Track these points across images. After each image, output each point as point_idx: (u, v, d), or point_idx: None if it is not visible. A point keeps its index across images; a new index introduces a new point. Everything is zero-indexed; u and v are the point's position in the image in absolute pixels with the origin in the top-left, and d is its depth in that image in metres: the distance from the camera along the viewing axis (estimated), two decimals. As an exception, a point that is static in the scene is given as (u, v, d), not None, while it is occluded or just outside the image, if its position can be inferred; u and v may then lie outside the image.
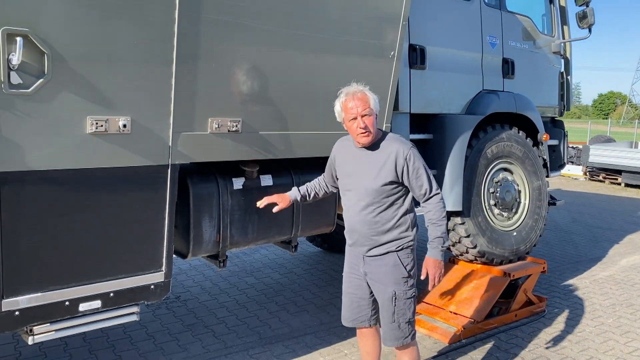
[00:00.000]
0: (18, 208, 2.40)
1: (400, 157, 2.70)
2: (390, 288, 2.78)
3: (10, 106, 2.28)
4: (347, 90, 2.75)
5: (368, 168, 2.75)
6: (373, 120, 2.70)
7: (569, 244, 7.40)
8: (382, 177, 2.71)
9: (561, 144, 5.79)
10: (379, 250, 2.79)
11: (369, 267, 2.84)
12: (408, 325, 2.84)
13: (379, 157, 2.74)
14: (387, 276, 2.79)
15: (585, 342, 4.21)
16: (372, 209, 2.75)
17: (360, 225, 2.79)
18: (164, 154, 2.77)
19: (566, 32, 5.84)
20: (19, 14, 2.22)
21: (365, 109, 2.67)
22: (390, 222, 2.75)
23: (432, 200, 2.78)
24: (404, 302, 2.80)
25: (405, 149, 2.73)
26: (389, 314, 2.82)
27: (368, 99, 2.70)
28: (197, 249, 3.19)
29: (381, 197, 2.73)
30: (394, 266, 2.78)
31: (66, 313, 2.64)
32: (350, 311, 2.99)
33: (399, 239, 2.78)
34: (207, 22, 2.74)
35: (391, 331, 2.85)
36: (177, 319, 4.48)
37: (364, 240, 2.80)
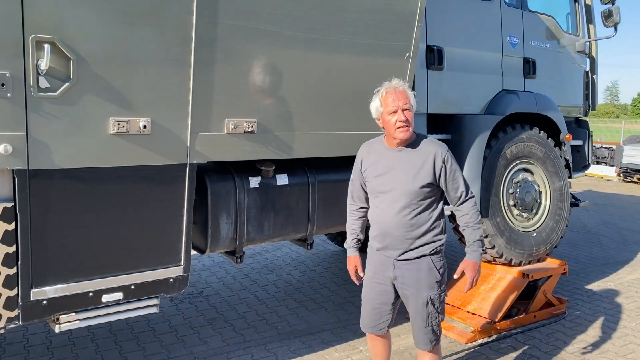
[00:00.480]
0: (46, 204, 2.56)
1: (438, 158, 2.70)
2: (424, 293, 2.76)
3: (39, 108, 2.44)
4: (387, 84, 2.76)
5: (405, 168, 2.72)
6: (412, 116, 2.71)
7: (596, 246, 7.26)
8: (421, 178, 2.69)
9: (586, 145, 5.71)
10: (412, 254, 2.75)
11: (400, 271, 2.79)
12: (438, 328, 2.84)
13: (416, 158, 2.72)
14: (420, 281, 2.76)
15: (605, 345, 4.16)
16: (408, 211, 2.70)
17: (395, 228, 2.73)
18: (182, 154, 2.90)
19: (592, 30, 5.75)
20: (46, 22, 2.37)
21: (406, 103, 2.67)
22: (425, 224, 2.73)
23: (467, 204, 2.80)
24: (437, 306, 2.80)
25: (443, 151, 2.74)
26: (423, 319, 2.79)
27: (408, 95, 2.72)
28: (214, 245, 3.31)
29: (418, 199, 2.70)
30: (428, 270, 2.76)
31: (90, 303, 2.80)
32: (371, 318, 2.95)
33: (432, 242, 2.75)
34: (224, 27, 2.85)
35: (424, 335, 2.83)
36: (199, 313, 4.62)
37: (398, 243, 2.75)
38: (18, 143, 2.40)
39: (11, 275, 2.55)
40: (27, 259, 2.56)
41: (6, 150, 2.37)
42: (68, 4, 2.41)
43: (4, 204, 2.47)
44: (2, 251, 2.51)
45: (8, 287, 2.56)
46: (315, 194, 3.64)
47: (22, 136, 2.41)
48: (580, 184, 13.34)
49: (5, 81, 2.32)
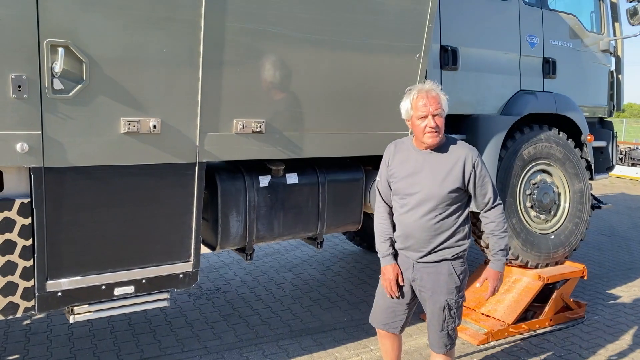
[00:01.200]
0: (60, 200, 2.69)
1: (468, 162, 2.66)
2: (442, 297, 2.74)
3: (54, 109, 2.56)
4: (420, 87, 2.69)
5: (434, 172, 2.67)
6: (443, 122, 2.65)
7: (623, 251, 7.07)
8: (450, 183, 2.65)
9: (609, 146, 5.57)
10: (433, 257, 2.73)
11: (419, 273, 2.78)
12: (454, 332, 2.83)
13: (445, 161, 2.68)
14: (440, 285, 2.74)
15: (623, 351, 4.07)
16: (434, 215, 2.67)
17: (419, 231, 2.70)
18: (191, 153, 2.98)
19: (617, 29, 5.61)
20: (60, 27, 2.49)
21: (437, 109, 2.62)
22: (450, 229, 2.69)
23: (494, 211, 2.76)
24: (454, 311, 2.78)
25: (474, 155, 2.69)
26: (439, 323, 2.78)
27: (441, 99, 2.66)
28: (224, 242, 3.39)
29: (445, 203, 2.66)
30: (449, 275, 2.73)
31: (103, 296, 2.91)
32: (384, 315, 2.94)
33: (454, 247, 2.73)
34: (232, 30, 2.92)
35: (440, 339, 2.82)
36: (215, 309, 4.73)
37: (420, 246, 2.73)
38: (34, 142, 2.53)
39: (28, 267, 2.68)
40: (43, 252, 2.69)
41: (23, 148, 2.50)
42: (81, 9, 2.53)
43: (21, 200, 2.61)
44: (19, 244, 2.65)
45: (25, 278, 2.69)
46: (325, 194, 3.68)
47: (37, 135, 2.54)
48: (613, 187, 12.98)
49: (21, 83, 2.45)
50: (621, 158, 15.04)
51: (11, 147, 2.49)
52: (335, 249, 6.71)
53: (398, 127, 3.72)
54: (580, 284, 5.14)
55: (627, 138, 22.30)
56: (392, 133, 3.70)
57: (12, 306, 2.70)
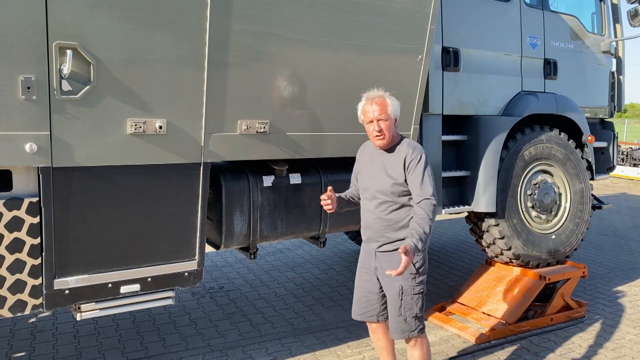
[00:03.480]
0: (68, 199, 2.74)
1: (407, 158, 2.85)
2: (397, 283, 2.87)
3: (62, 110, 2.61)
4: (367, 95, 2.94)
5: (382, 169, 2.92)
6: (389, 125, 2.86)
7: (624, 251, 7.09)
8: (393, 177, 2.86)
9: (610, 146, 5.61)
10: (389, 246, 2.91)
11: (379, 261, 2.97)
12: (415, 320, 2.91)
13: (393, 159, 2.91)
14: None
15: (622, 349, 4.11)
16: (385, 207, 2.89)
17: (374, 222, 2.94)
18: (196, 153, 3.03)
19: (619, 30, 5.64)
20: (68, 29, 2.54)
21: (381, 114, 2.84)
22: (402, 220, 2.88)
23: (421, 205, 2.75)
24: (410, 297, 2.89)
25: (415, 152, 2.86)
26: (396, 308, 2.92)
27: (386, 105, 2.86)
28: (228, 241, 3.44)
29: (395, 195, 2.87)
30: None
31: (109, 294, 2.96)
32: (359, 305, 3.13)
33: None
34: (236, 32, 2.97)
35: (397, 324, 2.94)
36: (219, 308, 4.78)
37: (377, 236, 2.95)
38: (42, 142, 2.58)
39: (36, 265, 2.73)
40: (51, 251, 2.74)
41: (32, 148, 2.55)
42: (89, 12, 2.57)
43: (30, 199, 2.66)
44: (28, 243, 2.70)
45: (33, 276, 2.74)
46: (327, 193, 3.72)
47: (46, 136, 2.58)
48: (615, 187, 13.00)
49: (30, 84, 2.50)
50: (623, 158, 15.04)
51: (20, 148, 2.54)
52: (337, 249, 6.75)
53: (400, 128, 3.76)
54: (581, 283, 5.17)
55: (628, 138, 22.30)
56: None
57: (21, 304, 2.75)
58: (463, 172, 4.47)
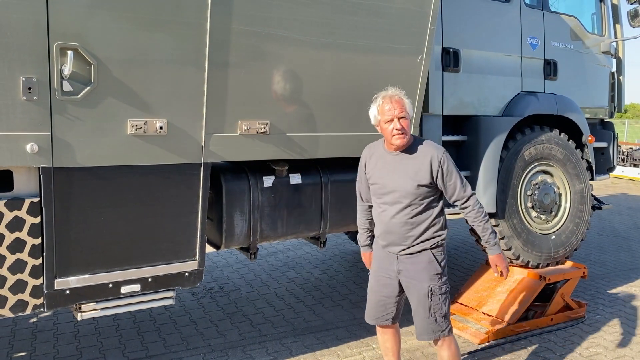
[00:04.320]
0: (69, 200, 2.74)
1: (435, 160, 2.83)
2: (425, 284, 2.88)
3: (63, 110, 2.62)
4: (384, 93, 2.90)
5: (404, 171, 2.86)
6: (408, 124, 2.86)
7: (624, 251, 7.10)
8: (418, 180, 2.82)
9: (610, 147, 5.61)
10: (413, 249, 2.89)
11: (403, 265, 2.94)
12: (444, 319, 2.92)
13: (414, 160, 2.86)
14: (421, 273, 2.90)
15: (622, 350, 4.11)
16: (408, 211, 2.86)
17: (397, 227, 2.89)
18: (197, 154, 3.04)
19: (619, 31, 5.65)
20: (69, 30, 2.55)
21: (402, 112, 2.82)
22: (424, 222, 2.87)
23: (469, 202, 2.93)
24: (439, 297, 2.90)
25: (440, 153, 2.87)
26: (425, 309, 2.90)
27: (404, 103, 2.86)
28: (229, 241, 3.44)
29: (418, 199, 2.85)
30: (429, 263, 2.89)
31: (110, 294, 2.97)
32: (376, 309, 3.09)
33: (432, 238, 2.90)
34: (237, 32, 2.98)
35: (428, 325, 2.92)
36: (219, 308, 4.79)
37: (400, 240, 2.90)
38: (43, 142, 2.59)
39: (37, 265, 2.74)
40: (52, 251, 2.75)
41: (33, 149, 2.56)
42: (89, 13, 2.58)
43: (31, 199, 2.66)
44: (29, 243, 2.70)
45: (34, 276, 2.75)
46: (328, 194, 3.73)
47: (47, 136, 2.59)
48: (615, 187, 13.00)
49: (32, 85, 2.50)
50: (623, 159, 15.04)
51: (21, 148, 2.54)
52: (337, 249, 6.76)
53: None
54: (581, 283, 5.18)
55: (629, 139, 22.30)
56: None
57: (22, 303, 2.75)
58: (463, 172, 4.46)
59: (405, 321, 4.43)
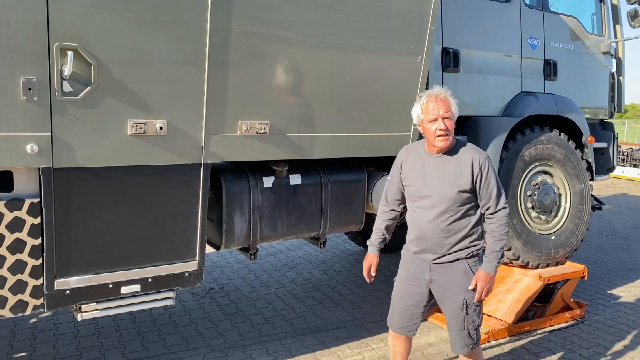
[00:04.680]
0: (69, 200, 2.74)
1: (476, 164, 2.71)
2: (460, 296, 2.77)
3: (63, 111, 2.62)
4: (429, 92, 2.77)
5: (444, 175, 2.74)
6: (453, 125, 2.73)
7: (625, 251, 7.10)
8: (460, 185, 2.70)
9: (610, 147, 5.61)
10: (448, 257, 2.78)
11: (436, 274, 2.82)
12: (475, 332, 2.83)
13: (455, 164, 2.74)
14: (457, 284, 2.79)
15: (622, 350, 4.11)
16: (446, 217, 2.73)
17: (433, 233, 2.76)
18: (197, 154, 3.04)
19: (619, 31, 5.65)
20: (69, 31, 2.55)
21: (447, 112, 2.69)
22: (462, 230, 2.74)
23: (499, 214, 2.76)
24: (473, 310, 2.80)
25: (482, 157, 2.74)
26: (459, 322, 2.80)
27: (450, 103, 2.72)
28: (229, 241, 3.44)
29: (456, 205, 2.72)
30: (464, 274, 2.78)
31: (110, 294, 2.97)
32: (401, 318, 2.96)
33: (469, 247, 2.78)
34: (237, 33, 2.98)
35: (461, 339, 2.84)
36: (219, 308, 4.79)
37: (435, 247, 2.78)
38: (43, 143, 2.59)
39: (37, 265, 2.74)
40: (52, 251, 2.75)
41: (33, 149, 2.56)
42: (89, 13, 2.58)
43: (31, 200, 2.67)
44: (29, 243, 2.70)
45: (34, 277, 2.75)
46: (328, 194, 3.73)
47: (47, 137, 2.59)
48: (615, 188, 13.00)
49: (32, 86, 2.50)
50: (623, 159, 15.04)
51: (21, 148, 2.54)
52: (337, 249, 6.76)
53: (400, 129, 3.78)
54: (581, 284, 5.18)
55: (629, 139, 22.30)
56: (394, 134, 3.76)
57: (22, 304, 2.75)
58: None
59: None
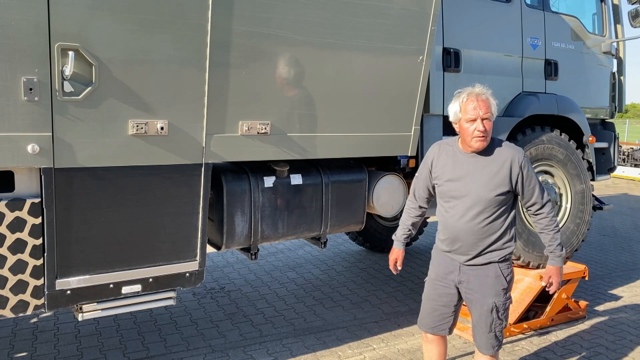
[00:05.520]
0: (70, 200, 2.75)
1: (515, 164, 2.65)
2: (490, 299, 2.74)
3: (64, 111, 2.62)
4: (469, 90, 2.69)
5: (481, 175, 2.66)
6: (491, 126, 2.65)
7: (625, 251, 7.09)
8: (497, 186, 2.64)
9: (611, 147, 5.61)
10: (480, 260, 2.73)
11: (465, 276, 2.78)
12: (501, 334, 2.82)
13: (492, 164, 2.67)
14: (487, 287, 2.75)
15: (623, 350, 4.11)
16: (482, 218, 2.66)
17: (467, 235, 2.70)
18: (198, 154, 3.04)
19: (619, 31, 5.65)
20: (70, 31, 2.55)
21: (486, 113, 2.61)
22: (497, 232, 2.69)
23: (545, 208, 2.75)
24: (502, 313, 2.77)
25: (520, 156, 2.69)
26: (487, 324, 2.78)
27: (491, 104, 2.65)
28: (230, 242, 3.44)
29: (493, 206, 2.65)
30: (496, 277, 2.74)
31: (111, 294, 2.97)
32: (432, 318, 2.94)
33: (501, 249, 2.73)
34: (238, 33, 2.98)
35: (487, 340, 2.82)
36: (220, 308, 4.78)
37: (467, 249, 2.73)
38: (44, 143, 2.59)
39: (38, 266, 2.74)
40: (53, 251, 2.75)
41: (34, 149, 2.56)
42: (90, 14, 2.58)
43: (32, 200, 2.67)
44: (30, 243, 2.70)
45: (35, 277, 2.75)
46: (328, 194, 3.73)
47: (48, 137, 2.59)
48: (616, 188, 13.00)
49: (33, 86, 2.51)
50: (624, 159, 15.03)
51: (22, 149, 2.55)
52: (338, 249, 6.76)
53: (401, 129, 3.78)
54: (581, 284, 5.18)
55: (630, 139, 22.29)
56: (395, 134, 3.77)
57: (23, 304, 2.75)
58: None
59: (405, 321, 4.45)
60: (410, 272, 5.86)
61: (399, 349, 4.06)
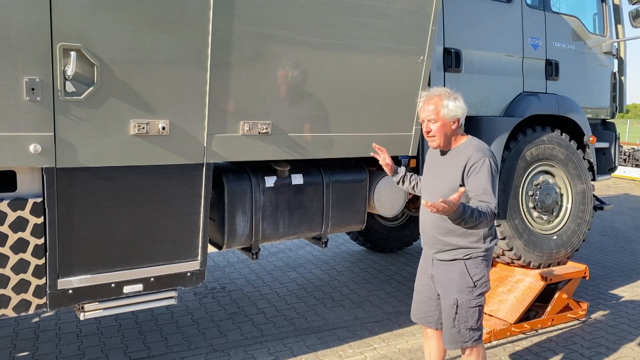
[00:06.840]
0: (72, 200, 2.76)
1: (469, 163, 2.67)
2: (453, 295, 2.79)
3: (66, 111, 2.63)
4: (427, 93, 2.79)
5: (443, 172, 2.79)
6: (440, 127, 2.70)
7: (626, 251, 7.09)
8: (453, 183, 2.69)
9: (612, 147, 5.61)
10: (446, 255, 2.81)
11: (436, 270, 2.88)
12: (469, 331, 2.81)
13: (454, 162, 2.74)
14: (451, 283, 2.81)
15: (624, 350, 4.11)
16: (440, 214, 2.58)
17: (430, 227, 2.83)
18: (199, 154, 3.05)
19: (620, 31, 5.65)
20: (72, 31, 2.56)
21: (429, 115, 2.71)
22: (458, 229, 2.67)
23: (485, 202, 2.59)
24: (466, 311, 2.79)
25: (478, 156, 2.65)
26: (449, 319, 2.84)
27: (439, 106, 2.69)
28: (231, 241, 3.45)
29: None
30: (460, 274, 2.78)
31: (112, 294, 2.98)
32: (419, 309, 3.06)
33: (468, 248, 2.77)
34: (239, 33, 2.99)
35: (450, 335, 2.86)
36: (221, 308, 4.79)
37: (432, 242, 2.85)
38: (46, 143, 2.60)
39: (40, 265, 2.75)
40: (55, 251, 2.76)
41: (36, 149, 2.57)
42: (92, 14, 2.59)
43: (34, 200, 2.68)
44: (32, 243, 2.71)
45: (37, 276, 2.76)
46: (329, 194, 3.74)
47: (50, 137, 2.60)
48: (617, 188, 12.99)
49: (35, 86, 2.52)
50: (624, 159, 15.02)
51: (24, 148, 2.56)
52: (339, 249, 6.76)
53: (402, 129, 3.79)
54: (582, 284, 5.18)
55: (630, 139, 22.26)
56: (395, 134, 3.77)
57: (25, 303, 2.76)
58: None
59: (407, 321, 4.45)
60: (410, 272, 5.87)
61: (400, 349, 4.06)
